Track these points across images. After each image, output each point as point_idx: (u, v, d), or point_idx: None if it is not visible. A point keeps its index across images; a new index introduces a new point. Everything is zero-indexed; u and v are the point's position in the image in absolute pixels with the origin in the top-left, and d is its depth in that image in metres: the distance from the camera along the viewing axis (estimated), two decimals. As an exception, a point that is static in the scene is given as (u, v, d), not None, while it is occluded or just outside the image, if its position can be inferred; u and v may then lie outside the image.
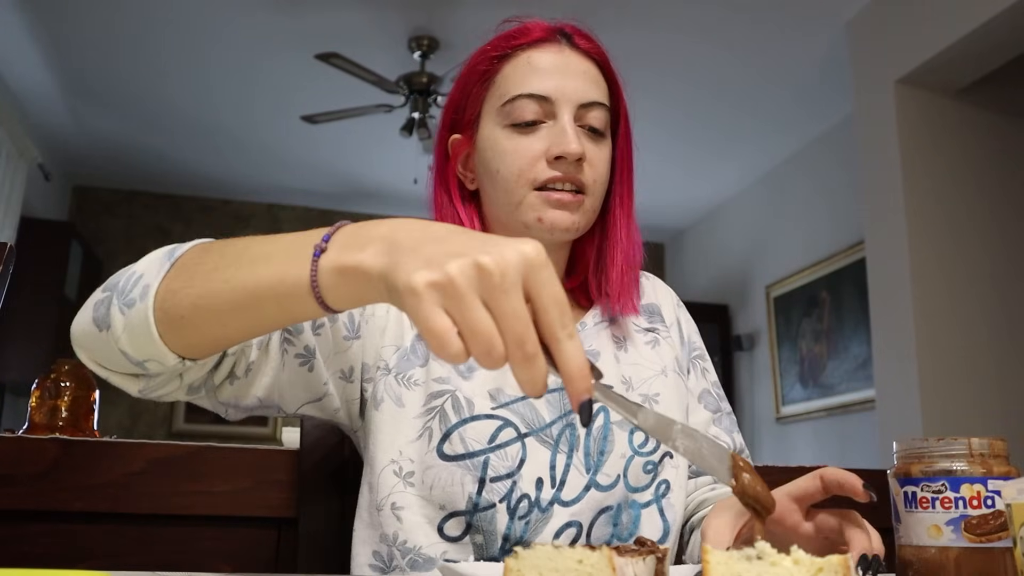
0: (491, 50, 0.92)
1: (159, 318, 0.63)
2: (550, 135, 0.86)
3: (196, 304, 0.62)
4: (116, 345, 0.65)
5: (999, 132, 3.27)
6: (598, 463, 0.85)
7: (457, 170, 0.94)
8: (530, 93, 0.87)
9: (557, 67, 0.88)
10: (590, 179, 0.87)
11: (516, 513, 0.81)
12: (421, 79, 3.72)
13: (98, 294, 0.69)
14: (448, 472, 0.81)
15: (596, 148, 0.88)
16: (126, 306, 0.64)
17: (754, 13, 3.40)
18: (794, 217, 4.69)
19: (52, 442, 1.26)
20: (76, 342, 0.70)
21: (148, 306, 0.63)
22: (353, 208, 5.88)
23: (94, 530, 1.26)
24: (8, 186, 4.12)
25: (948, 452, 0.64)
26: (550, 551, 0.48)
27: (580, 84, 0.88)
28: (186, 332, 0.63)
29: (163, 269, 0.64)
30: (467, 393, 0.84)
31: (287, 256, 0.58)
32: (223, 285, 0.60)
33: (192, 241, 0.70)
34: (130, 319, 0.64)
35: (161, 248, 0.70)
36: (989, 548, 0.61)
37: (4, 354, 4.36)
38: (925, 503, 0.63)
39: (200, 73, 4.03)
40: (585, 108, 0.88)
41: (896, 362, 3.03)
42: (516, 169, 0.86)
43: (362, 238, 0.55)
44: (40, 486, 1.23)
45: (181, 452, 1.25)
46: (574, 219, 0.87)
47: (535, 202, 0.86)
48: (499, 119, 0.88)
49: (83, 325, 0.69)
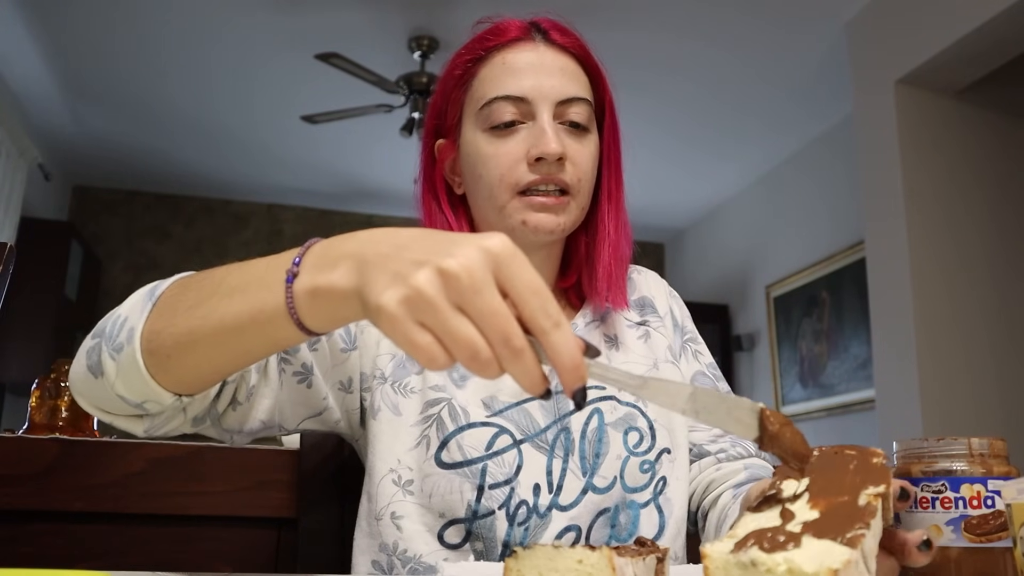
0: (466, 53, 0.90)
1: (147, 360, 0.63)
2: (529, 136, 0.85)
3: (179, 343, 0.61)
4: (112, 390, 0.65)
5: (999, 132, 3.27)
6: (594, 466, 0.84)
7: (445, 174, 0.93)
8: (506, 95, 0.85)
9: (532, 66, 0.87)
10: (574, 178, 0.86)
11: (515, 519, 0.81)
12: (421, 79, 3.72)
13: (88, 341, 0.68)
14: (447, 480, 0.80)
15: (579, 145, 0.87)
16: (115, 351, 0.64)
17: (754, 13, 3.40)
18: (794, 217, 4.69)
19: (52, 442, 1.26)
20: (75, 390, 0.69)
21: (135, 349, 0.62)
22: (353, 208, 5.88)
23: (94, 530, 1.26)
24: (8, 186, 4.12)
25: (948, 452, 0.64)
26: (550, 551, 0.48)
27: (557, 81, 0.86)
28: (175, 370, 0.63)
29: (145, 310, 0.64)
30: (462, 402, 0.84)
31: (261, 284, 0.57)
32: (202, 322, 0.59)
33: (173, 276, 0.69)
34: (120, 363, 0.64)
35: (144, 287, 0.69)
36: (989, 548, 0.61)
37: (4, 354, 4.36)
38: (925, 503, 0.63)
39: (200, 73, 4.03)
40: (564, 105, 0.86)
41: (896, 362, 3.03)
42: (497, 174, 0.85)
43: (332, 257, 0.53)
44: (40, 486, 1.23)
45: (181, 452, 1.25)
46: (559, 220, 0.86)
47: (518, 206, 0.85)
48: (478, 123, 0.87)
49: (79, 373, 0.68)
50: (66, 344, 4.69)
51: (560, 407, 0.87)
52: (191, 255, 5.61)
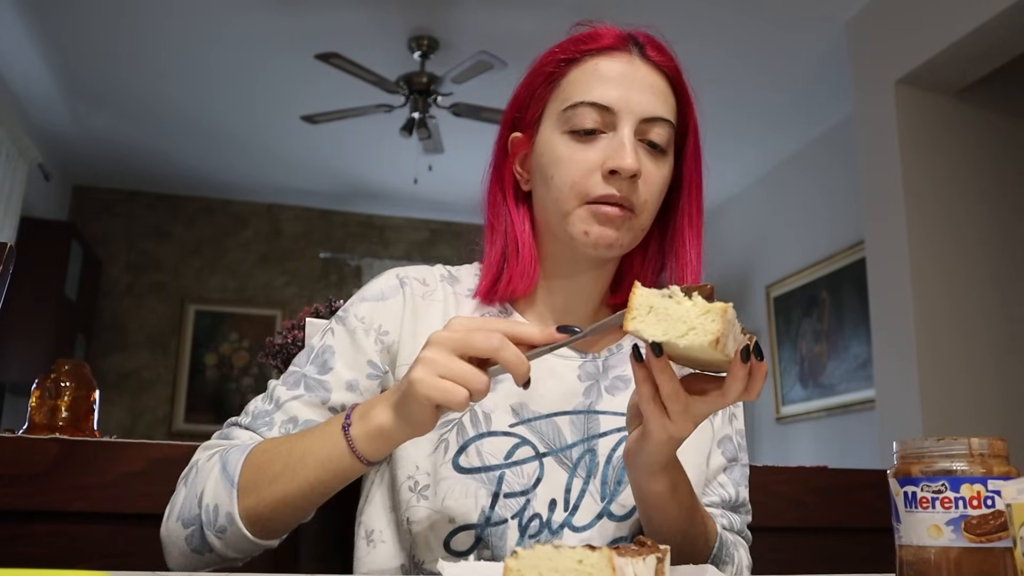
0: (560, 52, 0.89)
1: (250, 529, 0.75)
2: (608, 147, 0.83)
3: (275, 508, 0.75)
4: (224, 557, 0.78)
5: (999, 132, 3.27)
6: (614, 492, 0.83)
7: (515, 169, 0.92)
8: (593, 101, 0.84)
9: (624, 77, 0.85)
10: (642, 198, 0.84)
11: (527, 531, 0.81)
12: (421, 79, 3.72)
13: (182, 530, 0.78)
14: (463, 484, 0.80)
15: (653, 166, 0.85)
16: (219, 533, 0.76)
17: (753, 13, 3.40)
18: (794, 217, 4.69)
19: (52, 442, 1.26)
20: (174, 565, 0.80)
21: (239, 527, 0.75)
22: (353, 208, 5.88)
23: (94, 530, 1.26)
24: (8, 186, 4.12)
25: (948, 452, 0.64)
26: (550, 551, 0.48)
27: (645, 97, 0.85)
28: (276, 525, 0.77)
29: (233, 495, 0.76)
30: (487, 407, 0.84)
31: (324, 440, 0.74)
32: (289, 485, 0.74)
33: (224, 448, 0.82)
34: (228, 541, 0.76)
35: (211, 464, 0.79)
36: (989, 548, 0.61)
37: (4, 354, 4.36)
38: (925, 503, 0.63)
39: (200, 73, 4.03)
40: (648, 123, 0.85)
41: (896, 362, 3.03)
42: (569, 179, 0.84)
43: (369, 407, 0.73)
44: (40, 486, 1.23)
45: (181, 452, 1.25)
46: (618, 236, 0.84)
47: (584, 215, 0.84)
48: (559, 124, 0.86)
49: (182, 558, 0.79)
50: (66, 344, 4.69)
51: (590, 426, 0.86)
52: (191, 255, 5.61)
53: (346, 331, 0.87)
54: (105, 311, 5.41)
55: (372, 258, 5.84)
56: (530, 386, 0.68)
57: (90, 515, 1.25)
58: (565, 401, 0.86)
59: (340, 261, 5.84)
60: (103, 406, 4.03)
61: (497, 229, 0.91)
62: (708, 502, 0.91)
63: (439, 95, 3.79)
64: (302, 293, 5.72)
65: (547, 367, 0.87)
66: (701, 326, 0.61)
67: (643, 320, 0.63)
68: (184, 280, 5.57)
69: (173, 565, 0.79)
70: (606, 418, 0.87)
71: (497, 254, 0.90)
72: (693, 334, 0.61)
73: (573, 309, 0.91)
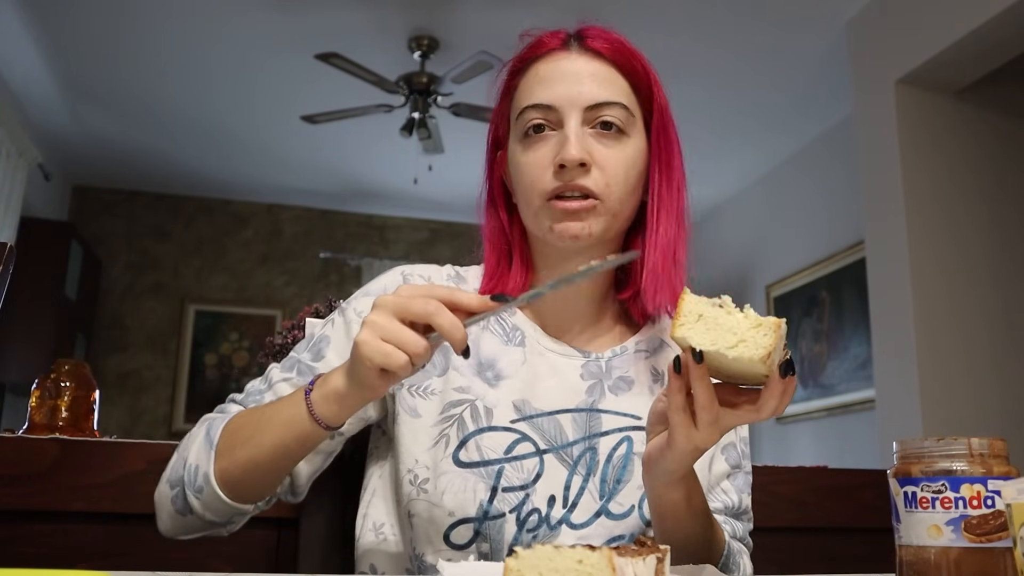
0: (511, 67, 0.93)
1: (224, 490, 0.79)
2: (557, 143, 0.85)
3: (245, 469, 0.79)
4: (204, 520, 0.82)
5: (999, 132, 3.27)
6: (613, 491, 0.84)
7: (506, 183, 0.95)
8: (534, 103, 0.87)
9: (563, 73, 0.88)
10: (600, 183, 0.84)
11: (525, 525, 0.81)
12: (421, 79, 3.72)
13: (168, 491, 0.83)
14: (462, 478, 0.81)
15: (609, 150, 0.86)
16: (198, 492, 0.80)
17: (754, 14, 3.40)
18: (794, 217, 4.69)
19: (52, 442, 1.26)
20: (165, 529, 0.85)
21: (214, 487, 0.79)
22: (353, 208, 5.88)
23: (94, 530, 1.26)
24: (8, 186, 4.12)
25: (948, 452, 0.64)
26: (550, 551, 0.48)
27: (586, 87, 0.87)
28: (246, 488, 0.80)
29: (211, 456, 0.80)
30: (490, 402, 0.85)
31: (289, 405, 0.77)
32: (257, 448, 0.78)
33: (214, 418, 0.86)
34: (205, 501, 0.80)
35: (197, 431, 0.85)
36: (989, 548, 0.61)
37: (4, 354, 4.36)
38: (925, 503, 0.63)
39: (200, 73, 4.03)
40: (594, 109, 0.86)
41: (896, 362, 3.03)
42: (528, 180, 0.86)
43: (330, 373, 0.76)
44: (40, 486, 1.23)
45: (181, 452, 1.25)
46: (583, 226, 0.84)
47: (548, 212, 0.85)
48: (516, 133, 0.90)
49: (169, 518, 0.83)
50: (66, 344, 4.69)
51: (592, 425, 0.87)
52: (191, 255, 5.61)
53: (344, 323, 0.89)
54: (105, 311, 5.41)
55: (372, 258, 5.84)
56: (469, 356, 0.70)
57: (90, 515, 1.25)
58: (567, 399, 0.88)
59: (340, 261, 5.84)
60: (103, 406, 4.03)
61: (489, 237, 0.95)
62: (711, 508, 0.91)
63: (439, 95, 3.79)
64: (302, 293, 5.72)
65: (550, 365, 0.89)
66: (752, 339, 0.61)
67: (692, 328, 0.63)
68: (184, 280, 5.57)
69: (162, 527, 0.84)
70: (608, 417, 0.88)
71: (493, 259, 0.94)
72: (743, 346, 0.61)
73: (572, 305, 0.92)
